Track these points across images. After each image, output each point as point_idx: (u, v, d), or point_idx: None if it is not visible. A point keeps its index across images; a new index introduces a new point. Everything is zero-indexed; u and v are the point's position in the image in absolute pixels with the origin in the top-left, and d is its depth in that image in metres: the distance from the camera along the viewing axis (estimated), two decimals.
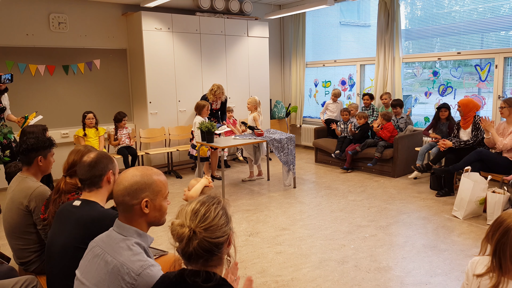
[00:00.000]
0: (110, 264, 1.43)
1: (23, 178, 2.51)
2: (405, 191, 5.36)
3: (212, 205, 1.32)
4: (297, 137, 8.59)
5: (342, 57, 7.81)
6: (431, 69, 6.39)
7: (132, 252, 1.45)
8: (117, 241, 1.49)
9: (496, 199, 4.06)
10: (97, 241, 1.55)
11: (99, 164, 1.95)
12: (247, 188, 5.70)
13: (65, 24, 6.16)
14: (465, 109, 5.01)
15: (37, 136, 2.59)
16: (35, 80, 5.99)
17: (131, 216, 1.53)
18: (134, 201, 1.51)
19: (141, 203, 1.52)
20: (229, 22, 7.30)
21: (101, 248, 1.50)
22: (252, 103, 6.02)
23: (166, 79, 6.67)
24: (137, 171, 1.55)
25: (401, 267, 3.28)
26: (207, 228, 1.27)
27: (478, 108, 5.06)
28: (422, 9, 6.51)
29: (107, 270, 1.43)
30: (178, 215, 1.33)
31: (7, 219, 2.47)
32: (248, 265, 3.38)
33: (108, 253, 1.47)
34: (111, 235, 1.53)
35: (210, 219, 1.28)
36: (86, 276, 1.50)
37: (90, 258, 1.52)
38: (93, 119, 5.85)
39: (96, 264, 1.48)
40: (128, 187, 1.51)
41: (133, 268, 1.40)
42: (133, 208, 1.52)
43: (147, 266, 1.42)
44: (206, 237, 1.26)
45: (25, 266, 2.46)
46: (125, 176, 1.54)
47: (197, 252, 1.26)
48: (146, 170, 1.56)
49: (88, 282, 1.47)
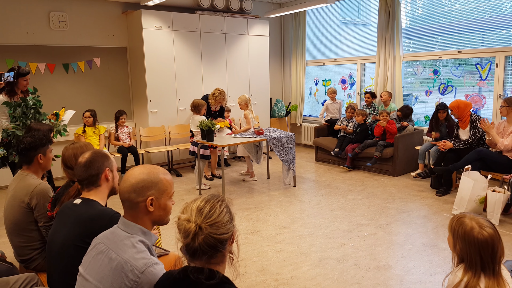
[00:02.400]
0: (114, 261, 1.45)
1: (24, 176, 2.51)
2: (405, 189, 5.36)
3: (217, 203, 1.34)
4: (297, 135, 8.59)
5: (342, 55, 7.80)
6: (431, 68, 6.38)
7: (136, 249, 1.47)
8: (121, 238, 1.51)
9: (496, 198, 4.06)
10: (101, 238, 1.57)
11: (94, 163, 1.96)
12: (247, 187, 5.70)
13: (65, 22, 6.15)
14: (458, 111, 5.03)
15: (33, 134, 2.58)
16: (35, 78, 5.99)
17: (136, 213, 1.55)
18: (139, 198, 1.53)
19: (146, 201, 1.53)
20: (229, 21, 7.30)
21: (105, 245, 1.52)
22: (243, 101, 6.05)
23: (166, 78, 6.67)
24: (144, 169, 1.57)
25: (401, 265, 3.29)
26: (212, 224, 1.29)
27: (470, 106, 5.06)
28: (423, 8, 6.50)
29: (111, 267, 1.44)
30: (184, 211, 1.35)
31: (8, 217, 2.48)
32: (248, 263, 3.38)
33: (112, 250, 1.48)
34: (116, 232, 1.55)
35: (215, 215, 1.31)
36: (89, 272, 1.51)
37: (94, 255, 1.53)
38: (90, 117, 5.82)
39: (100, 260, 1.49)
40: (134, 184, 1.53)
41: (137, 265, 1.42)
42: (138, 206, 1.54)
43: (150, 264, 1.43)
44: (211, 233, 1.28)
45: (26, 263, 2.47)
46: (132, 173, 1.56)
47: (202, 248, 1.28)
48: (153, 169, 1.59)
49: (92, 278, 1.49)
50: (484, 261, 1.65)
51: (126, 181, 1.54)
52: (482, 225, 1.69)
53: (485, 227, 1.68)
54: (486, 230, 1.67)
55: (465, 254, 1.69)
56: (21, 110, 3.93)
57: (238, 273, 2.93)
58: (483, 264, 1.66)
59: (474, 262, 1.66)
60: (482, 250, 1.65)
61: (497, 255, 1.66)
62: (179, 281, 1.31)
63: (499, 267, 1.68)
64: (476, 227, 1.68)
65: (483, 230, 1.66)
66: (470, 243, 1.67)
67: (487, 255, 1.65)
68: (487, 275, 1.66)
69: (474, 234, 1.67)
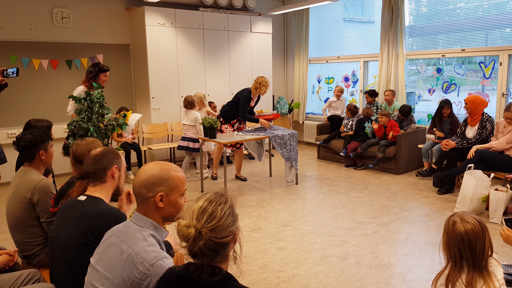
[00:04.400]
0: (125, 252, 1.47)
1: (26, 172, 2.52)
2: (407, 188, 5.35)
3: (219, 205, 1.30)
4: (300, 133, 8.58)
5: (345, 53, 7.78)
6: (435, 66, 6.36)
7: (147, 242, 1.49)
8: (133, 231, 1.53)
9: (499, 196, 4.05)
10: (114, 231, 1.59)
11: (105, 158, 1.97)
12: (249, 184, 5.71)
13: (69, 18, 6.16)
14: (472, 106, 4.96)
15: (32, 131, 2.59)
16: (38, 74, 6.00)
17: (146, 208, 1.57)
18: (149, 194, 1.55)
19: (156, 197, 1.56)
20: (232, 18, 7.29)
21: (117, 238, 1.54)
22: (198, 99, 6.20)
23: (169, 75, 6.67)
24: (156, 165, 1.60)
25: (403, 264, 3.28)
26: (213, 228, 1.26)
27: (485, 105, 4.99)
28: (427, 6, 6.47)
29: (122, 258, 1.46)
30: (185, 213, 1.32)
31: (10, 212, 2.49)
32: (249, 261, 3.39)
33: (124, 242, 1.50)
34: (128, 226, 1.57)
35: (217, 219, 1.27)
36: (100, 263, 1.53)
37: (106, 247, 1.55)
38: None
39: (111, 252, 1.51)
40: (145, 179, 1.55)
41: (147, 258, 1.44)
42: (148, 201, 1.56)
43: (160, 258, 1.45)
44: (212, 237, 1.26)
45: (28, 259, 2.48)
46: (144, 169, 1.59)
47: (202, 251, 1.27)
48: (165, 166, 1.61)
49: (102, 269, 1.51)
50: (463, 255, 1.68)
51: (138, 176, 1.58)
52: (464, 220, 1.71)
53: (465, 222, 1.69)
54: (465, 225, 1.69)
55: (447, 247, 1.73)
56: (87, 104, 4.06)
57: (242, 271, 2.94)
58: (462, 257, 1.68)
59: (454, 255, 1.71)
60: (460, 244, 1.68)
61: (476, 250, 1.66)
62: (182, 278, 1.31)
63: (485, 263, 1.68)
64: (458, 221, 1.71)
65: (462, 225, 1.69)
66: (450, 236, 1.71)
67: (464, 249, 1.67)
68: (469, 269, 1.67)
69: (454, 228, 1.71)
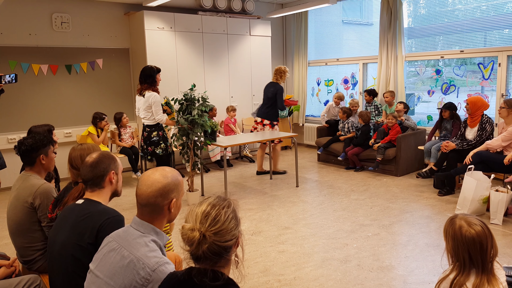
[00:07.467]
0: (127, 258, 1.47)
1: (27, 176, 2.52)
2: (408, 190, 5.35)
3: (222, 209, 1.32)
4: (300, 136, 8.58)
5: (344, 55, 7.79)
6: (434, 68, 6.37)
7: (149, 248, 1.49)
8: (134, 236, 1.53)
9: (500, 197, 4.04)
10: (113, 236, 1.59)
11: (101, 164, 1.97)
12: (249, 187, 5.70)
13: (68, 23, 6.17)
14: (473, 107, 4.96)
15: (34, 135, 2.59)
16: (38, 79, 6.01)
17: (157, 215, 1.59)
18: (165, 201, 1.57)
19: (170, 203, 1.59)
20: (231, 21, 7.30)
21: (117, 243, 1.54)
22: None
23: (168, 78, 6.67)
24: (166, 172, 1.61)
25: (404, 266, 3.28)
26: (217, 232, 1.28)
27: (486, 107, 4.98)
28: (425, 7, 6.49)
29: (123, 264, 1.46)
30: (188, 217, 1.33)
31: (11, 217, 2.48)
32: (250, 264, 3.38)
33: (124, 247, 1.51)
34: (128, 231, 1.57)
35: (220, 223, 1.29)
36: (100, 269, 1.53)
37: (105, 252, 1.55)
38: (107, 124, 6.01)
39: (111, 258, 1.51)
40: (161, 188, 1.56)
41: (149, 263, 1.44)
42: (163, 209, 1.58)
43: (162, 263, 1.45)
44: (215, 240, 1.27)
45: (28, 264, 2.47)
46: (155, 178, 1.57)
47: (206, 255, 1.28)
48: (172, 171, 1.63)
49: (102, 275, 1.51)
50: (473, 258, 1.66)
51: (151, 186, 1.56)
52: (471, 223, 1.70)
53: (473, 225, 1.68)
54: (474, 227, 1.67)
55: (454, 252, 1.71)
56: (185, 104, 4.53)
57: (243, 276, 2.93)
58: (472, 261, 1.66)
59: (463, 259, 1.68)
60: (470, 247, 1.66)
61: (486, 253, 1.66)
62: (184, 282, 1.31)
63: (491, 265, 1.68)
64: (465, 225, 1.69)
65: (471, 228, 1.67)
66: (459, 241, 1.69)
67: (475, 252, 1.65)
68: (477, 273, 1.66)
69: (462, 232, 1.68)
